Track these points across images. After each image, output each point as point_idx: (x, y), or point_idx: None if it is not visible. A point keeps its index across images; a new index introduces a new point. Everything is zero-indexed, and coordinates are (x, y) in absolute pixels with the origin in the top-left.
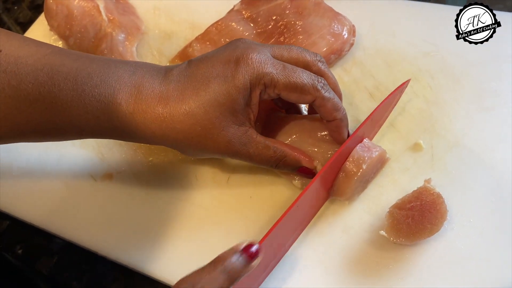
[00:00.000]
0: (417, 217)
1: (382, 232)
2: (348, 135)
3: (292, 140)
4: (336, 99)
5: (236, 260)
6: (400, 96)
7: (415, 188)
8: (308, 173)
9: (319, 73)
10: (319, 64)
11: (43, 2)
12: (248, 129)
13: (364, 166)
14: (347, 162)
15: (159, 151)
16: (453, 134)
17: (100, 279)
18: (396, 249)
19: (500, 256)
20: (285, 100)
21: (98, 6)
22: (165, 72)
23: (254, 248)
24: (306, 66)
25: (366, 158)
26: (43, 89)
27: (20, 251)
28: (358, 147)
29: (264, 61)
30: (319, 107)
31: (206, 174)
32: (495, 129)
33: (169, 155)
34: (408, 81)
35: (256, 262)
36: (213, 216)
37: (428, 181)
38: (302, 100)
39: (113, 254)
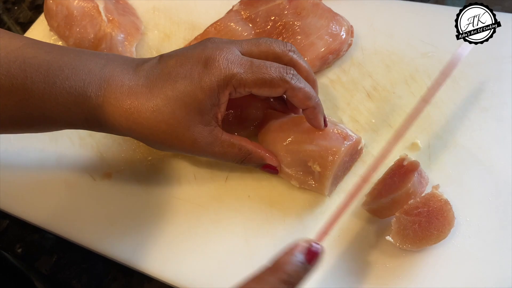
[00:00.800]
0: (424, 224)
1: (388, 238)
2: (325, 122)
3: (291, 140)
4: (308, 87)
5: (297, 264)
6: None
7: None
8: (271, 169)
9: (291, 63)
10: (290, 53)
11: (43, 2)
12: (213, 129)
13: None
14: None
15: (158, 151)
16: (450, 134)
17: (99, 277)
18: (402, 254)
19: (508, 259)
20: (259, 95)
21: (97, 6)
22: (136, 66)
23: (315, 248)
24: (277, 58)
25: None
26: (15, 81)
27: (19, 250)
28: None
29: (231, 61)
30: (291, 97)
31: (205, 173)
32: (492, 129)
33: (168, 154)
34: None
35: (317, 264)
36: (212, 214)
37: (436, 187)
38: (273, 93)
39: (112, 252)
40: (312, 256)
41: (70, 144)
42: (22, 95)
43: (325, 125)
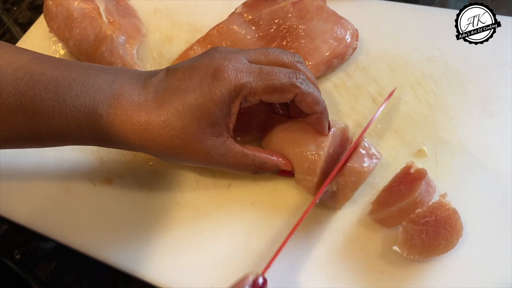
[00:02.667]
0: (431, 233)
1: (395, 248)
2: (329, 127)
3: (297, 143)
4: (316, 92)
5: None
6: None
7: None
8: (287, 174)
9: None
10: (298, 65)
11: (43, 3)
12: (226, 140)
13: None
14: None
15: None
16: (457, 139)
17: (99, 284)
18: (409, 264)
19: None
20: (268, 102)
21: (98, 8)
22: (144, 80)
23: (260, 281)
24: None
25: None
26: (24, 99)
27: (18, 256)
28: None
29: (240, 71)
30: (300, 102)
31: (207, 179)
32: (499, 135)
33: None
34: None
35: None
36: (214, 222)
37: (443, 195)
38: (283, 99)
39: (112, 259)
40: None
41: (70, 149)
42: (31, 113)
43: (329, 130)
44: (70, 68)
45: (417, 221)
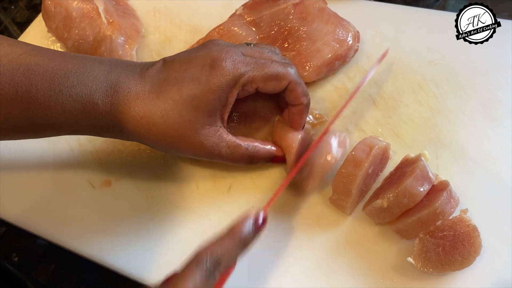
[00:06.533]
0: (448, 248)
1: (410, 259)
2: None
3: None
4: (304, 84)
5: (249, 229)
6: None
7: None
8: (281, 161)
9: None
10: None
11: (41, 2)
12: (218, 129)
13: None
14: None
15: (159, 158)
16: (458, 144)
17: (97, 286)
18: (423, 277)
19: None
20: (264, 91)
21: (97, 8)
22: (140, 71)
23: (261, 216)
24: None
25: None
26: (20, 89)
27: (16, 259)
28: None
29: (238, 62)
30: (290, 91)
31: (207, 182)
32: (500, 139)
33: (169, 162)
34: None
35: (263, 229)
36: (214, 225)
37: (464, 211)
38: (278, 87)
39: (111, 261)
40: (259, 223)
41: (69, 150)
42: (27, 103)
43: (303, 127)
44: (66, 59)
45: (434, 234)
